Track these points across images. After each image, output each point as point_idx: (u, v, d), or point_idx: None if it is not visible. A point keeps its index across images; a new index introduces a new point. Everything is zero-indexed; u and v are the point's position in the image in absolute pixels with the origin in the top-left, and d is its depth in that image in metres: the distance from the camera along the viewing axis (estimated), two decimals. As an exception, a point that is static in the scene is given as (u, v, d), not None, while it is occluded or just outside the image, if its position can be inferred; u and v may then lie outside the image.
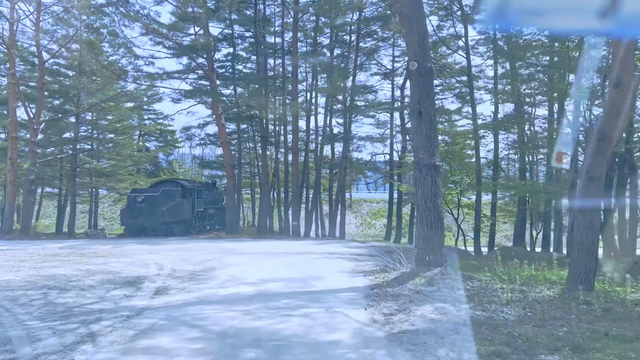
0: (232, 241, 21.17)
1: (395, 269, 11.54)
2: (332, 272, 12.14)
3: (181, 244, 19.69)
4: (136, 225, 28.90)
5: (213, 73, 25.32)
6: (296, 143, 27.28)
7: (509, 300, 8.85)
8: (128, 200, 29.94)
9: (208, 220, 36.47)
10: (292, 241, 21.13)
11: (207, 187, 36.24)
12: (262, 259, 14.64)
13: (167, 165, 51.70)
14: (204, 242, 20.81)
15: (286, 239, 22.20)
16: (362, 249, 18.15)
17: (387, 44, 36.84)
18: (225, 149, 26.03)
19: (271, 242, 20.81)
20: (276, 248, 17.88)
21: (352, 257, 15.41)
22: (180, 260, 14.50)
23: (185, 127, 34.35)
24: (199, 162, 43.14)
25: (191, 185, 32.89)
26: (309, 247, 18.65)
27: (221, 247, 18.16)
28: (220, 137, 25.85)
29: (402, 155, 35.75)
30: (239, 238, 22.93)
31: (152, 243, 20.37)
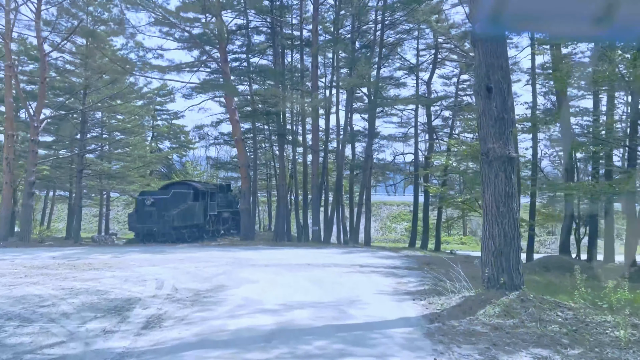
0: (246, 249, 18.80)
1: (452, 291, 9.03)
2: (370, 293, 9.68)
3: (189, 253, 17.37)
4: (145, 230, 26.72)
5: (226, 65, 23.08)
6: (316, 140, 24.89)
7: (628, 341, 6.33)
8: (136, 204, 27.79)
9: (222, 225, 34.21)
10: (314, 249, 18.70)
11: (221, 190, 33.99)
12: (282, 274, 12.21)
13: (181, 167, 49.61)
14: (215, 250, 18.47)
15: (306, 247, 19.79)
16: (395, 259, 15.64)
17: (411, 37, 34.35)
18: (240, 148, 23.75)
19: (290, 250, 18.39)
20: (297, 258, 15.46)
21: (387, 270, 12.92)
22: (184, 274, 12.16)
23: (197, 126, 32.16)
24: (213, 163, 40.89)
25: (204, 188, 30.65)
26: (334, 256, 16.19)
27: (234, 257, 15.79)
28: (234, 134, 23.58)
29: (428, 155, 33.16)
30: (255, 246, 20.57)
31: (157, 251, 18.08)
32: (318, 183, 24.97)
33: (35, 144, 23.42)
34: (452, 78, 36.77)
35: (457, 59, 34.45)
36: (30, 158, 23.34)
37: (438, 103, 34.85)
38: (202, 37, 23.31)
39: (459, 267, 13.78)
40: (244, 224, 24.66)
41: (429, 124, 33.43)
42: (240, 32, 27.05)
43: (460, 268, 13.90)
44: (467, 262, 15.11)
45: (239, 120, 24.09)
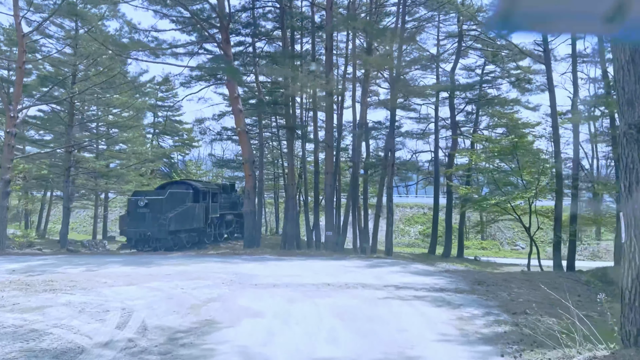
0: (250, 260, 15.58)
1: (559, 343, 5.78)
2: (428, 338, 6.48)
3: (182, 265, 14.20)
4: (138, 234, 23.65)
5: (228, 46, 19.93)
6: (331, 133, 21.69)
7: None
8: (128, 205, 24.71)
9: (226, 228, 31.10)
10: (330, 260, 15.45)
11: (225, 190, 30.88)
12: (295, 300, 9.01)
13: (184, 166, 46.56)
14: (213, 261, 15.24)
15: (321, 257, 16.56)
16: (435, 276, 12.38)
17: (432, 24, 31.12)
18: (243, 140, 20.57)
19: (303, 262, 15.16)
20: (312, 274, 12.24)
21: (434, 295, 9.69)
22: (165, 301, 9.00)
23: (198, 119, 28.97)
24: (216, 161, 37.71)
25: (205, 187, 27.54)
26: (357, 272, 12.96)
27: (234, 272, 12.60)
28: (237, 125, 20.44)
29: (451, 152, 29.89)
30: (260, 255, 17.33)
31: (143, 262, 14.92)
32: (332, 182, 21.79)
33: (12, 136, 20.38)
34: (475, 69, 33.53)
35: (482, 47, 31.23)
36: (5, 153, 20.31)
37: (462, 95, 31.54)
38: (200, 14, 20.19)
39: (525, 289, 10.45)
40: (248, 229, 21.47)
41: (452, 118, 30.13)
42: (244, 13, 23.92)
43: (525, 289, 10.56)
44: (528, 280, 11.85)
45: (243, 110, 20.91)
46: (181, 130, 45.08)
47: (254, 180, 20.88)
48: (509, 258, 36.49)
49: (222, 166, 36.35)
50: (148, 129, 44.75)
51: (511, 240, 48.00)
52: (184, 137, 45.28)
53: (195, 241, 27.03)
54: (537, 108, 30.13)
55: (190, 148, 46.26)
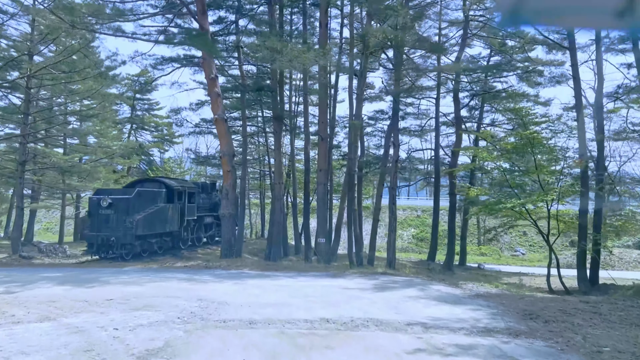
0: (224, 277, 12.26)
1: None
2: None
3: (133, 285, 10.87)
4: (100, 239, 20.25)
5: (205, 18, 16.62)
6: (325, 123, 18.42)
7: None
8: (89, 205, 21.28)
9: (205, 232, 27.75)
10: (326, 280, 12.10)
11: (204, 189, 27.54)
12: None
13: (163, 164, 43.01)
14: (176, 278, 11.87)
15: (313, 273, 13.21)
16: (469, 306, 9.20)
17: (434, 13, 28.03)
18: (221, 130, 17.20)
19: (291, 280, 11.84)
20: (304, 303, 8.99)
21: (488, 344, 6.52)
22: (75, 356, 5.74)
23: (173, 110, 25.49)
24: (194, 157, 34.19)
25: (180, 186, 24.19)
26: (366, 299, 9.68)
27: (199, 298, 9.32)
28: (213, 112, 17.08)
29: (456, 149, 26.83)
30: (238, 269, 13.93)
31: (84, 280, 11.56)
32: (326, 180, 18.60)
33: (-55, 123, 16.90)
34: (478, 61, 30.55)
35: (489, 35, 28.27)
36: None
37: (467, 87, 28.52)
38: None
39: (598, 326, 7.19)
40: (226, 235, 18.09)
41: (457, 112, 27.05)
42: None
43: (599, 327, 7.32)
44: (595, 312, 8.74)
45: (221, 94, 17.56)
46: (160, 125, 41.52)
47: (233, 177, 17.57)
48: (514, 266, 33.54)
49: (202, 163, 32.86)
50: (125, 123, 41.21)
51: (509, 246, 45.22)
52: (163, 133, 41.74)
53: (169, 247, 23.68)
54: (549, 102, 27.19)
55: (171, 144, 42.73)
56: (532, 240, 45.34)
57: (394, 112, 19.14)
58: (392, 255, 17.76)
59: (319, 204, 18.58)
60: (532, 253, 41.93)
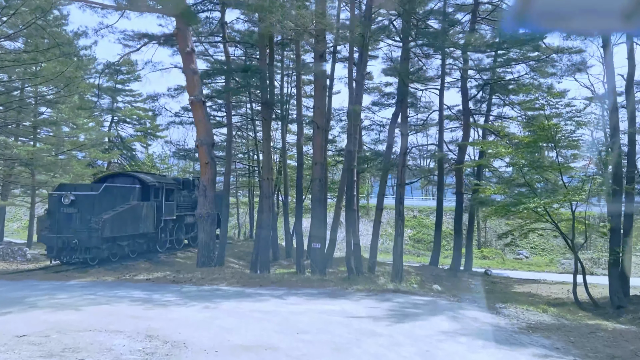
0: (192, 297, 9.35)
1: None
2: None
3: (66, 310, 8.00)
4: (60, 242, 17.31)
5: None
6: (322, 109, 15.54)
7: None
8: (49, 203, 18.36)
9: (185, 233, 24.85)
10: (325, 301, 9.13)
11: (185, 186, 24.64)
12: None
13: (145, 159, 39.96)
14: (128, 299, 8.95)
15: (307, 291, 10.23)
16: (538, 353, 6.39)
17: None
18: (198, 114, 14.19)
19: (279, 303, 8.89)
20: (296, 345, 6.17)
21: None
22: None
23: (150, 96, 22.42)
24: (175, 150, 31.14)
25: (157, 182, 21.32)
26: (384, 339, 6.87)
27: (147, 333, 6.49)
28: (189, 92, 14.11)
29: (463, 144, 24.17)
30: (213, 284, 10.94)
31: (5, 301, 8.66)
32: (322, 175, 15.80)
33: None
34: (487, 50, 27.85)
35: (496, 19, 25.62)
36: None
37: (475, 76, 25.86)
38: None
39: None
40: (203, 240, 15.04)
41: (465, 103, 24.37)
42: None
43: None
44: None
45: (199, 72, 14.64)
46: (143, 118, 38.49)
47: (212, 170, 14.69)
48: (521, 271, 30.86)
49: (184, 157, 29.85)
50: (105, 115, 38.19)
51: (510, 248, 42.69)
52: (146, 126, 38.74)
53: (143, 250, 20.77)
54: (564, 93, 24.56)
55: (154, 138, 39.73)
56: (533, 243, 42.88)
57: (400, 95, 16.40)
58: (400, 264, 15.02)
59: (314, 203, 15.81)
60: (534, 256, 39.44)
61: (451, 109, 28.80)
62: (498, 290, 21.12)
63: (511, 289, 21.78)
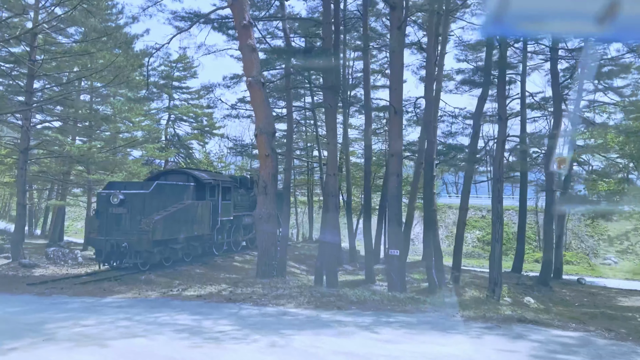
0: (251, 327, 6.91)
1: None
2: None
3: (85, 345, 5.87)
4: (109, 245, 15.64)
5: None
6: (399, 89, 12.84)
7: None
8: (98, 202, 16.77)
9: (243, 234, 22.91)
10: (433, 337, 6.53)
11: (242, 184, 22.75)
12: None
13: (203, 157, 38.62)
14: (171, 326, 6.72)
15: (399, 314, 7.74)
16: None
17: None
18: (257, 98, 11.91)
19: (368, 337, 6.22)
20: None
21: None
22: None
23: (205, 87, 20.46)
24: (231, 146, 29.25)
25: (212, 180, 19.45)
26: None
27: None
28: (246, 73, 11.86)
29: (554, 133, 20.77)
30: (278, 304, 8.50)
31: (10, 332, 6.65)
32: (399, 170, 13.20)
33: None
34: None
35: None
36: None
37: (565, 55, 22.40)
38: None
39: None
40: (263, 246, 12.60)
41: (555, 87, 20.96)
42: None
43: None
44: None
45: (257, 49, 12.38)
46: (200, 116, 37.19)
47: (273, 164, 12.39)
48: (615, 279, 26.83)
49: (240, 153, 27.90)
50: (162, 113, 37.19)
51: (592, 250, 38.31)
52: (203, 124, 37.39)
53: (198, 253, 18.91)
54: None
55: (211, 136, 38.33)
56: (618, 246, 38.38)
57: (500, 68, 13.54)
58: (498, 276, 12.21)
59: (391, 201, 13.26)
60: (622, 261, 35.05)
61: (533, 96, 25.37)
62: (602, 303, 17.86)
63: (616, 302, 18.44)
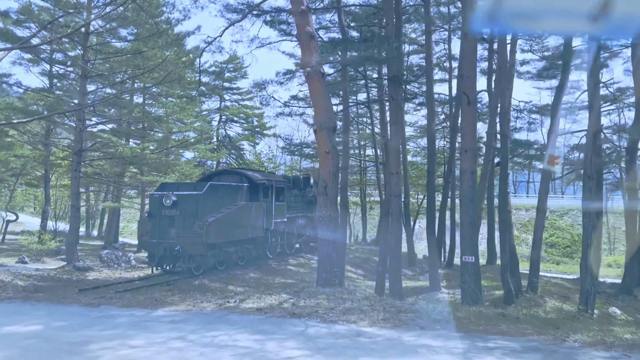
0: (323, 352, 5.89)
1: None
2: None
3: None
4: (161, 249, 14.99)
5: None
6: (472, 78, 11.36)
7: None
8: (150, 204, 16.19)
9: (297, 237, 21.94)
10: None
11: (295, 184, 21.81)
12: None
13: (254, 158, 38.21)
14: (230, 350, 5.77)
15: (496, 338, 6.33)
16: None
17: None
18: (316, 87, 10.63)
19: None
20: None
21: None
22: None
23: (257, 83, 19.57)
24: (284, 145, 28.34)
25: (265, 180, 18.58)
26: None
27: None
28: (304, 61, 10.67)
29: None
30: (346, 320, 7.26)
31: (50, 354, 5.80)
32: (473, 166, 11.76)
33: None
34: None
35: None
36: None
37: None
38: None
39: None
40: (323, 251, 11.26)
41: None
42: None
43: None
44: None
45: (315, 36, 11.24)
46: (250, 116, 36.79)
47: (334, 161, 11.19)
48: None
49: (294, 152, 26.99)
50: (213, 114, 37.05)
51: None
52: (253, 124, 36.96)
53: (252, 256, 18.06)
54: None
55: (262, 136, 37.85)
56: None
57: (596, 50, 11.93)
58: (592, 287, 10.60)
59: (464, 202, 11.86)
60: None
61: (607, 86, 23.12)
62: None
63: None
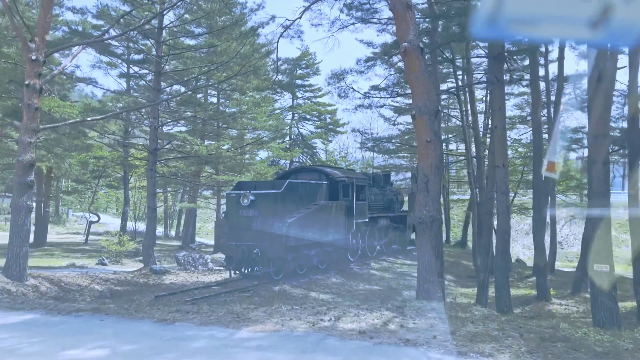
0: None
1: None
2: None
3: None
4: (239, 251, 13.89)
5: None
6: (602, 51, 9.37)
7: None
8: (227, 204, 15.17)
9: (378, 238, 20.33)
10: None
11: (376, 182, 20.26)
12: None
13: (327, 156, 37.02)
14: None
15: None
16: None
17: None
18: (414, 65, 8.61)
19: None
20: None
21: None
22: None
23: (334, 74, 18.04)
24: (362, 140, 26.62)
25: (345, 178, 17.10)
26: None
27: None
28: (400, 36, 8.68)
29: None
30: (479, 350, 5.57)
31: None
32: (606, 155, 9.62)
33: (34, 92, 11.93)
34: None
35: None
36: (24, 119, 11.97)
37: None
38: None
39: None
40: (424, 258, 9.33)
41: None
42: None
43: None
44: None
45: (412, 6, 9.50)
46: (323, 114, 35.65)
47: (436, 152, 9.38)
48: None
49: (372, 148, 25.28)
50: (286, 113, 36.28)
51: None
52: (326, 122, 35.78)
53: (332, 259, 16.65)
54: None
55: (335, 134, 36.57)
56: None
57: None
58: None
59: (593, 199, 9.76)
60: None
61: None
62: None
63: None
